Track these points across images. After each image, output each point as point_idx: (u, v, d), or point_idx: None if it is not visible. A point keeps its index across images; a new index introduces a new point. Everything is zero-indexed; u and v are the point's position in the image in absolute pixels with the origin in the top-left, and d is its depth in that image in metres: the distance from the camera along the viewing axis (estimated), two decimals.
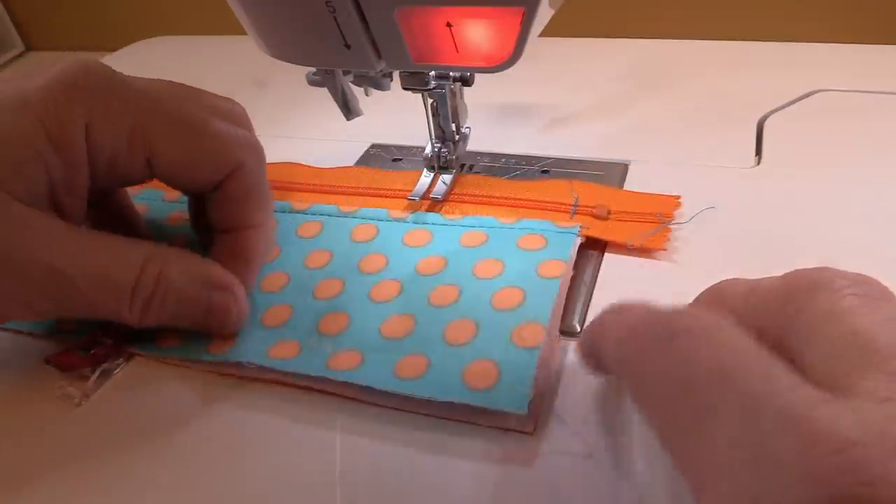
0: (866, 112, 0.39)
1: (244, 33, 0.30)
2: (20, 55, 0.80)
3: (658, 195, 0.33)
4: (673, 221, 0.31)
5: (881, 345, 0.15)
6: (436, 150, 0.35)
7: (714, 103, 0.42)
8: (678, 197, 0.33)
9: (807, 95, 0.42)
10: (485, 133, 0.39)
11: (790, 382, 0.14)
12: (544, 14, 0.26)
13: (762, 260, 0.29)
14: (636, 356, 0.18)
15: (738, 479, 0.13)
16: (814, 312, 0.17)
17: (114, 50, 0.64)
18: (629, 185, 0.35)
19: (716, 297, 0.21)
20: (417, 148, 0.39)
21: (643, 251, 0.30)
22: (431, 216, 0.33)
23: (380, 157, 0.40)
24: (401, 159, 0.39)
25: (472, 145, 0.37)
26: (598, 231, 0.31)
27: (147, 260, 0.26)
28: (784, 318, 0.18)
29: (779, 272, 0.28)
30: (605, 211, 0.32)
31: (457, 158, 0.36)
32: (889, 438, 0.12)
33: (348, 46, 0.27)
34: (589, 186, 0.34)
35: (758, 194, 0.33)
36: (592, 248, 0.31)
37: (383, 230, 0.33)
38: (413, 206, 0.34)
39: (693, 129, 0.40)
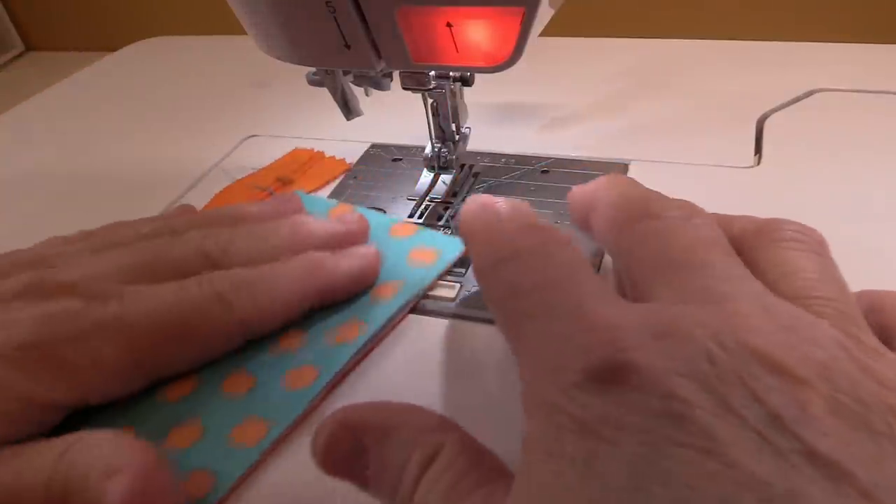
0: (866, 112, 0.39)
1: (244, 33, 0.30)
2: (20, 55, 0.80)
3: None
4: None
5: (677, 264, 0.19)
6: (436, 150, 0.35)
7: (714, 103, 0.42)
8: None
9: (806, 95, 0.42)
10: (485, 133, 0.39)
11: (592, 289, 0.18)
12: (544, 14, 0.26)
13: None
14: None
15: (543, 357, 0.17)
16: (637, 236, 0.21)
17: (114, 50, 0.64)
18: None
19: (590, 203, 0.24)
20: (417, 148, 0.39)
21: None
22: None
23: (380, 157, 0.40)
24: (401, 159, 0.39)
25: (472, 145, 0.37)
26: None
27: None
28: (617, 241, 0.22)
29: None
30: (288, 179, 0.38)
31: (457, 158, 0.36)
32: (644, 326, 0.16)
33: (348, 46, 0.27)
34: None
35: (757, 194, 0.33)
36: None
37: None
38: None
39: (693, 129, 0.40)
